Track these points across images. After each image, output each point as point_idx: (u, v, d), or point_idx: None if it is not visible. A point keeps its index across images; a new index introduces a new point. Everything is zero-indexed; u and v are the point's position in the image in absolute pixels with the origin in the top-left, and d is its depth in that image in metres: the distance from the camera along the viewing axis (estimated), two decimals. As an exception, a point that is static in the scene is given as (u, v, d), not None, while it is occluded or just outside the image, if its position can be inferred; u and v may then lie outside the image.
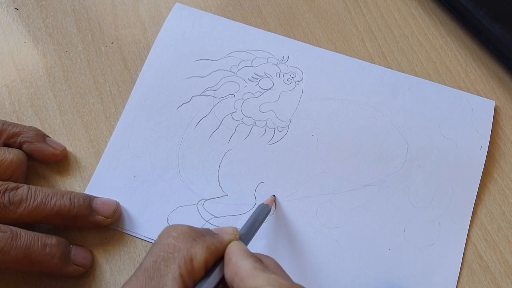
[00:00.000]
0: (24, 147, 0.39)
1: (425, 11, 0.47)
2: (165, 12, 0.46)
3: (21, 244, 0.34)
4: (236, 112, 0.42)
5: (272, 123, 0.42)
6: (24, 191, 0.36)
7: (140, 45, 0.45)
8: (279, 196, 0.40)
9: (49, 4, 0.46)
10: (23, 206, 0.35)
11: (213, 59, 0.44)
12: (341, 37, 0.46)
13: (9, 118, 0.42)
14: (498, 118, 0.43)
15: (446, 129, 0.42)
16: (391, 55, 0.45)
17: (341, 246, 0.39)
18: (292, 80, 0.44)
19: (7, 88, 0.43)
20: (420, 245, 0.39)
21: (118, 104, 0.43)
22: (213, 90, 0.43)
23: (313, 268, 0.38)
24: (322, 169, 0.41)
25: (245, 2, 0.47)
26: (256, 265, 0.29)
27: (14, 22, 0.46)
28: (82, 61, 0.44)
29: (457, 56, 0.46)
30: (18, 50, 0.45)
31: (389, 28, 0.46)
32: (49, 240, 0.35)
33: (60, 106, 0.43)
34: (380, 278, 0.38)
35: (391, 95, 0.43)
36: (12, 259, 0.34)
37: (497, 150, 0.42)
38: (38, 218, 0.36)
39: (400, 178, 0.41)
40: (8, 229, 0.34)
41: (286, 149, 0.41)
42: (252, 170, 0.41)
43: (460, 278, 0.38)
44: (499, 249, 0.39)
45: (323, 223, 0.40)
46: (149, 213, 0.40)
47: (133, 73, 0.44)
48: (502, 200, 0.41)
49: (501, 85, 0.45)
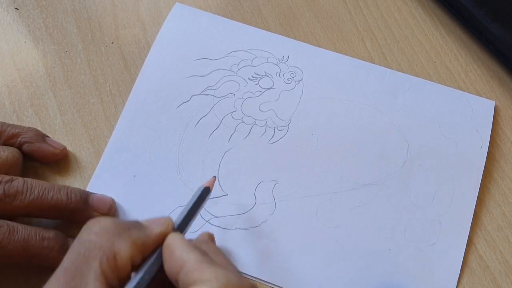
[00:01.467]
0: (24, 147, 0.39)
1: (425, 11, 0.47)
2: (165, 12, 0.46)
3: (19, 238, 0.34)
4: (236, 112, 0.42)
5: (272, 123, 0.42)
6: (19, 183, 0.35)
7: (140, 45, 0.45)
8: (279, 195, 0.40)
9: (49, 4, 0.46)
10: (19, 198, 0.35)
11: (213, 59, 0.44)
12: (341, 37, 0.46)
13: (9, 118, 0.42)
14: (498, 118, 0.43)
15: (446, 129, 0.42)
16: (391, 55, 0.45)
17: (341, 245, 0.39)
18: (292, 80, 0.44)
19: (7, 88, 0.43)
20: (421, 245, 0.39)
21: (118, 104, 0.43)
22: (213, 90, 0.43)
23: (313, 268, 0.38)
24: (322, 169, 0.41)
25: (245, 2, 0.47)
26: (203, 258, 0.27)
27: (14, 22, 0.46)
28: (82, 61, 0.44)
29: (457, 56, 0.46)
30: (18, 50, 0.45)
31: (389, 28, 0.46)
32: (47, 234, 0.35)
33: (60, 106, 0.43)
34: (380, 278, 0.38)
35: (391, 95, 0.43)
36: (10, 253, 0.33)
37: (497, 150, 0.42)
38: (34, 211, 0.36)
39: (401, 178, 0.41)
40: (5, 224, 0.34)
41: (286, 148, 0.41)
42: (252, 169, 0.41)
43: (460, 278, 0.38)
44: (499, 249, 0.39)
45: (323, 222, 0.39)
46: (148, 212, 0.39)
47: (133, 73, 0.44)
48: (502, 200, 0.41)
49: (501, 85, 0.45)
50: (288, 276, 0.38)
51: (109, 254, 0.27)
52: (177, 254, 0.28)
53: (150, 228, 0.30)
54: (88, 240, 0.28)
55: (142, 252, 0.29)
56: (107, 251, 0.27)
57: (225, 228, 0.39)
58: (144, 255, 0.29)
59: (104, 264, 0.27)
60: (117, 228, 0.29)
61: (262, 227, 0.39)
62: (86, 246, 0.28)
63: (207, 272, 0.26)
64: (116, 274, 0.27)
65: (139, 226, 0.30)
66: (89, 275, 0.26)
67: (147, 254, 0.29)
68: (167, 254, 0.29)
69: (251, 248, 0.39)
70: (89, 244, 0.28)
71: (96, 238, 0.28)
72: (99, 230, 0.28)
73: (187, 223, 0.32)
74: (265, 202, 0.40)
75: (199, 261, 0.27)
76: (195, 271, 0.26)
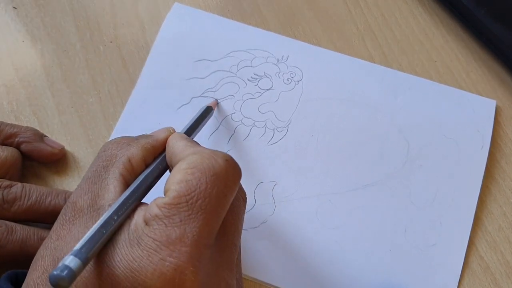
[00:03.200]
0: (22, 147, 0.39)
1: (426, 10, 0.47)
2: (164, 11, 0.46)
3: (17, 238, 0.34)
4: (235, 113, 0.42)
5: (272, 124, 0.42)
6: (18, 189, 0.36)
7: (139, 44, 0.45)
8: (279, 196, 0.40)
9: (47, 3, 0.46)
10: (17, 204, 0.35)
11: (212, 60, 0.44)
12: (341, 36, 0.46)
13: (7, 118, 0.42)
14: (499, 118, 0.43)
15: (447, 129, 0.42)
16: (391, 54, 0.45)
17: (341, 246, 0.39)
18: (292, 80, 0.43)
19: (5, 88, 0.43)
20: (421, 246, 0.39)
21: (117, 103, 0.43)
22: (212, 92, 0.43)
23: (313, 269, 0.38)
24: (322, 169, 0.41)
25: (245, 1, 0.47)
26: (188, 143, 0.31)
27: (12, 21, 0.45)
28: (81, 60, 0.44)
29: (458, 55, 0.45)
30: (16, 49, 0.44)
31: (389, 28, 0.46)
32: (45, 233, 0.35)
33: (58, 106, 0.43)
34: (381, 279, 0.38)
35: (392, 94, 0.43)
36: (8, 253, 0.34)
37: (498, 151, 0.42)
38: (32, 216, 0.36)
39: (401, 178, 0.41)
40: (3, 224, 0.34)
41: (286, 149, 0.41)
42: (252, 170, 0.41)
43: (460, 279, 0.38)
44: (499, 249, 0.39)
45: (323, 223, 0.39)
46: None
47: (132, 72, 0.44)
48: (502, 200, 0.41)
49: (502, 85, 0.44)
50: (287, 277, 0.38)
51: (125, 159, 0.31)
52: (170, 143, 0.32)
53: (156, 135, 0.33)
54: (105, 154, 0.31)
55: (152, 155, 0.32)
56: (122, 157, 0.31)
57: (224, 229, 0.39)
58: (154, 157, 0.33)
59: (120, 168, 0.30)
60: (128, 139, 0.32)
61: (261, 227, 0.39)
62: (103, 158, 0.31)
63: (187, 151, 0.30)
64: (132, 174, 0.31)
65: (146, 136, 0.34)
66: (108, 178, 0.30)
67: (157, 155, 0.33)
68: (166, 147, 0.33)
69: (251, 248, 0.39)
70: (106, 156, 0.31)
71: (111, 150, 0.31)
72: (113, 145, 0.32)
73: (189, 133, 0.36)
74: (264, 203, 0.40)
75: (184, 145, 0.31)
76: (180, 153, 0.30)
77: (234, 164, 0.30)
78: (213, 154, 0.29)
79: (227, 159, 0.29)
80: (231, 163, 0.29)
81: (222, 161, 0.29)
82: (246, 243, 0.39)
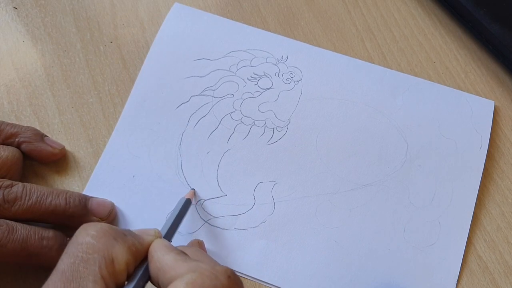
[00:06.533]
0: (22, 147, 0.39)
1: (425, 11, 0.47)
2: (164, 11, 0.46)
3: (18, 238, 0.34)
4: (235, 112, 0.42)
5: (271, 123, 0.42)
6: (19, 189, 0.36)
7: (139, 44, 0.45)
8: (278, 196, 0.40)
9: (47, 3, 0.46)
10: (18, 204, 0.35)
11: (212, 59, 0.44)
12: (341, 37, 0.46)
13: (7, 118, 0.42)
14: (498, 119, 0.43)
15: (445, 129, 0.42)
16: (390, 55, 0.45)
17: (340, 246, 0.39)
18: (291, 80, 0.43)
19: (5, 88, 0.43)
20: (420, 245, 0.39)
21: (117, 103, 0.43)
22: (212, 90, 0.43)
23: (312, 269, 0.38)
24: (321, 169, 0.41)
25: (245, 2, 0.47)
26: (178, 257, 0.28)
27: (13, 21, 0.45)
28: (81, 60, 0.44)
29: (457, 56, 0.45)
30: (17, 50, 0.45)
31: (388, 28, 0.46)
32: (46, 233, 0.35)
33: (59, 106, 0.43)
34: (380, 279, 0.38)
35: (391, 95, 0.43)
36: (9, 252, 0.34)
37: (496, 151, 0.42)
38: (33, 216, 0.36)
39: (400, 178, 0.41)
40: (4, 223, 0.34)
41: (285, 149, 0.41)
42: (251, 170, 0.41)
43: (459, 279, 0.38)
44: (498, 249, 0.39)
45: (322, 223, 0.39)
46: (147, 213, 0.39)
47: (132, 72, 0.44)
48: (501, 200, 0.41)
49: (501, 85, 0.45)
50: (287, 277, 0.38)
51: (108, 258, 0.27)
52: (155, 257, 0.28)
53: (142, 237, 0.30)
54: (85, 243, 0.27)
55: (136, 259, 0.29)
56: (106, 255, 0.27)
57: (224, 229, 0.39)
58: (136, 263, 0.29)
59: (103, 268, 0.27)
60: (114, 232, 0.28)
61: (261, 227, 0.39)
62: (84, 249, 0.27)
63: (181, 267, 0.27)
64: (113, 279, 0.27)
65: (133, 234, 0.30)
66: (88, 278, 0.26)
67: (139, 262, 0.29)
68: (149, 258, 0.29)
69: (250, 248, 0.39)
70: (86, 247, 0.27)
71: (93, 241, 0.27)
72: (96, 233, 0.28)
73: (172, 234, 0.34)
74: (264, 202, 0.40)
75: (174, 260, 0.27)
76: (170, 270, 0.27)
77: (236, 279, 0.27)
78: (213, 271, 0.26)
79: (229, 275, 0.27)
80: (233, 279, 0.27)
81: (225, 279, 0.26)
82: (246, 243, 0.39)
